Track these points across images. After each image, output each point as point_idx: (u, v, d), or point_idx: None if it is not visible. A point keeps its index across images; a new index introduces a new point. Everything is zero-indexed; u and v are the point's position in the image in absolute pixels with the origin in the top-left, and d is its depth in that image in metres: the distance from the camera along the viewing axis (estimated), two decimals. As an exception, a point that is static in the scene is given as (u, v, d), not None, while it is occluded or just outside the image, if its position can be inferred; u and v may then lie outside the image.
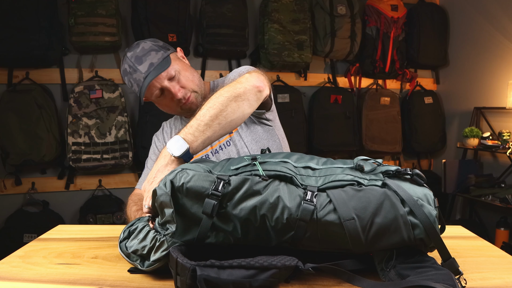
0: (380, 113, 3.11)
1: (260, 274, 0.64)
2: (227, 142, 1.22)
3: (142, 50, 1.12)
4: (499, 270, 0.81)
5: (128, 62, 1.12)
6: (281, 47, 2.75)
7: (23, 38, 2.34)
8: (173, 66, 1.13)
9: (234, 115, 0.95)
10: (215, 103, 0.93)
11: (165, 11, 2.56)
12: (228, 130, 0.95)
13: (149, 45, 1.13)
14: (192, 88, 1.17)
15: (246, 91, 0.98)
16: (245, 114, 0.99)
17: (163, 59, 1.11)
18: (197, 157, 1.20)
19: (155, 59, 1.10)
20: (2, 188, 2.61)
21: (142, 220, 0.83)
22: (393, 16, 2.98)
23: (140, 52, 1.11)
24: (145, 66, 1.10)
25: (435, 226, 0.70)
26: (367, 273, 0.73)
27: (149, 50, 1.12)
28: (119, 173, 2.80)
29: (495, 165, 2.86)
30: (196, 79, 1.20)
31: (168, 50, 1.16)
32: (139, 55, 1.11)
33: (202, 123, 0.90)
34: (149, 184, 0.88)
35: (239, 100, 0.96)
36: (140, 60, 1.11)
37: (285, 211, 0.70)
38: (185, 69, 1.18)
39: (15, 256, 0.87)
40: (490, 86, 2.88)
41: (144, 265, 0.75)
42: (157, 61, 1.10)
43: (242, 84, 0.99)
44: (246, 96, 0.98)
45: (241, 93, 0.97)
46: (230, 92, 0.96)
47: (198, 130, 0.90)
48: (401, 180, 0.75)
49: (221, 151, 1.22)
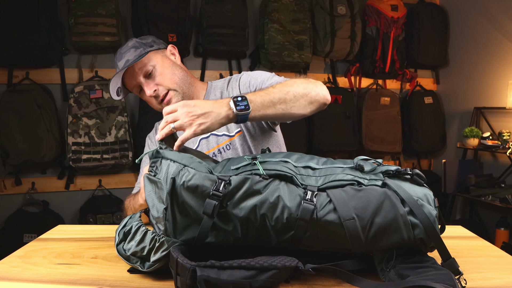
0: (380, 113, 3.11)
1: (260, 275, 0.64)
2: (227, 146, 1.20)
3: (125, 47, 1.14)
4: (499, 270, 0.81)
5: (115, 60, 1.16)
6: (281, 47, 2.75)
7: (23, 38, 2.34)
8: (151, 62, 1.13)
9: (296, 111, 0.95)
10: (290, 90, 0.93)
11: (165, 11, 2.56)
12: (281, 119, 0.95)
13: (133, 42, 1.15)
14: (169, 86, 1.15)
15: (318, 98, 0.98)
16: (301, 116, 0.99)
17: (139, 56, 1.11)
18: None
19: (131, 56, 1.11)
20: (2, 188, 2.61)
21: (134, 219, 0.81)
22: (393, 16, 2.98)
23: (123, 48, 1.14)
24: (122, 63, 1.12)
25: (435, 226, 0.70)
26: (367, 273, 0.73)
27: (131, 47, 1.14)
28: (119, 173, 2.79)
29: (495, 165, 2.86)
30: (177, 77, 1.17)
31: (151, 47, 1.15)
32: (121, 51, 1.14)
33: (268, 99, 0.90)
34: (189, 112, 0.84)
35: (308, 102, 0.96)
36: (120, 57, 1.13)
37: (285, 211, 0.70)
38: (165, 67, 1.16)
39: (15, 256, 0.87)
40: (490, 86, 2.88)
41: (145, 266, 0.75)
42: (133, 58, 1.11)
43: (318, 89, 0.99)
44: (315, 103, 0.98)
45: (313, 97, 0.98)
46: (307, 89, 0.96)
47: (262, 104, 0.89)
48: (401, 180, 0.75)
49: (219, 155, 1.20)
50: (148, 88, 1.13)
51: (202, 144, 1.22)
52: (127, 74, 1.14)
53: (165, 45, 1.23)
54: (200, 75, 2.88)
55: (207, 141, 1.21)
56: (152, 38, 1.21)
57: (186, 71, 1.23)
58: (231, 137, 1.19)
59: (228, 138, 1.19)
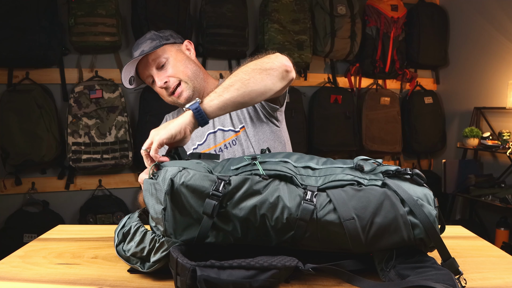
0: (380, 113, 3.11)
1: (260, 275, 0.64)
2: (233, 141, 1.21)
3: (143, 38, 1.17)
4: (499, 270, 0.81)
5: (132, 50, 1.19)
6: (281, 47, 2.75)
7: (23, 38, 2.34)
8: (165, 55, 1.15)
9: (255, 86, 0.92)
10: (238, 72, 0.93)
11: (165, 11, 2.56)
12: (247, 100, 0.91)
13: (150, 34, 1.18)
14: (181, 77, 1.16)
15: (274, 66, 0.95)
16: (267, 90, 0.95)
17: (153, 47, 1.13)
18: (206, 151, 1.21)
19: (146, 47, 1.14)
20: (2, 188, 2.61)
21: (132, 219, 0.81)
22: (393, 16, 2.98)
23: (141, 39, 1.17)
24: (137, 53, 1.15)
25: (435, 226, 0.70)
26: (367, 273, 0.73)
27: (148, 38, 1.17)
28: (119, 173, 2.79)
29: (495, 165, 2.85)
30: (189, 70, 1.18)
31: (167, 40, 1.18)
32: (138, 42, 1.17)
33: (221, 88, 0.90)
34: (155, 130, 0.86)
35: (264, 74, 0.93)
36: (137, 47, 1.16)
37: (285, 211, 0.70)
38: (178, 60, 1.17)
39: (15, 256, 0.87)
40: (490, 86, 2.88)
41: (145, 267, 0.75)
42: (148, 49, 1.13)
43: (271, 60, 0.97)
44: (272, 71, 0.95)
45: (267, 68, 0.94)
46: (256, 64, 0.95)
47: (215, 93, 0.89)
48: (401, 180, 0.75)
49: (225, 150, 1.21)
50: (160, 79, 1.14)
51: (210, 138, 1.24)
52: (141, 64, 1.16)
53: (182, 40, 1.26)
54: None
55: (214, 136, 1.23)
56: (170, 32, 1.23)
57: (199, 66, 1.25)
58: (236, 133, 1.20)
59: (234, 133, 1.20)
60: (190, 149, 1.25)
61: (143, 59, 1.14)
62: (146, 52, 1.12)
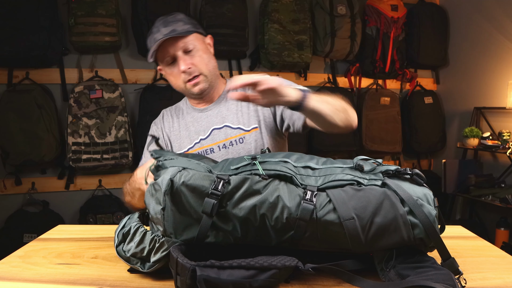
0: (380, 113, 3.11)
1: (260, 275, 0.64)
2: (240, 139, 1.22)
3: (173, 17, 1.17)
4: (499, 270, 0.81)
5: (156, 24, 1.16)
6: (281, 47, 2.75)
7: (23, 38, 2.34)
8: (194, 42, 1.17)
9: (336, 117, 1.01)
10: (335, 100, 1.02)
11: (165, 11, 2.52)
12: (324, 120, 0.99)
13: (181, 16, 1.18)
14: (202, 70, 1.18)
15: (351, 119, 1.07)
16: (336, 127, 1.03)
17: (187, 31, 1.14)
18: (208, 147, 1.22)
19: (179, 28, 1.14)
20: (2, 188, 2.61)
21: (132, 219, 0.81)
22: (393, 16, 2.98)
23: (171, 18, 1.16)
24: (167, 30, 1.13)
25: (435, 225, 0.70)
26: (367, 273, 0.73)
27: (179, 20, 1.17)
28: (119, 173, 2.79)
29: (495, 165, 2.85)
30: (211, 66, 1.21)
31: (197, 29, 1.19)
32: (168, 20, 1.16)
33: (323, 98, 0.97)
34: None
35: (344, 115, 1.03)
36: (166, 24, 1.15)
37: (285, 211, 0.70)
38: (204, 52, 1.20)
39: (15, 256, 0.87)
40: (490, 86, 2.87)
41: (145, 267, 0.75)
42: (181, 30, 1.14)
43: (353, 112, 1.09)
44: (348, 120, 1.06)
45: (350, 115, 1.06)
46: (345, 106, 1.05)
47: (319, 97, 0.96)
48: (401, 180, 0.75)
49: (230, 146, 1.22)
50: (185, 63, 1.15)
51: (214, 134, 1.24)
52: (166, 43, 1.15)
53: (205, 33, 1.27)
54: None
55: (219, 131, 1.24)
56: (195, 21, 1.24)
57: (216, 64, 1.27)
58: (245, 132, 1.22)
59: (243, 132, 1.22)
60: (193, 142, 1.25)
61: (170, 39, 1.14)
62: (179, 33, 1.12)
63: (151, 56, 1.15)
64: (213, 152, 1.22)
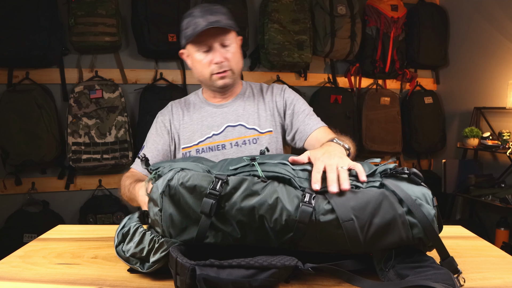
0: (380, 113, 3.11)
1: (260, 274, 0.64)
2: (254, 139, 1.25)
3: (219, 9, 1.19)
4: (499, 270, 0.81)
5: (200, 8, 1.17)
6: (281, 47, 2.75)
7: (23, 38, 2.34)
8: (232, 39, 1.20)
9: None
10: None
11: (165, 11, 2.56)
12: None
13: (226, 10, 1.21)
14: (232, 66, 1.22)
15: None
16: None
17: (230, 26, 1.17)
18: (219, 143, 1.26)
19: (224, 21, 1.16)
20: (2, 188, 2.61)
21: (132, 220, 0.81)
22: (393, 16, 2.98)
23: (216, 8, 1.18)
24: (213, 18, 1.14)
25: (433, 225, 0.70)
26: (366, 273, 0.73)
27: (224, 13, 1.19)
28: (119, 173, 2.79)
29: (495, 165, 2.85)
30: (240, 65, 1.26)
31: (236, 27, 1.22)
32: (214, 9, 1.17)
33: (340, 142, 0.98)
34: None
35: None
36: (212, 13, 1.16)
37: (284, 213, 0.70)
38: (238, 51, 1.24)
39: (15, 256, 0.87)
40: (490, 86, 2.87)
41: (145, 267, 0.75)
42: (226, 23, 1.16)
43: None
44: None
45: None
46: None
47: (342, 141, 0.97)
48: (399, 180, 0.75)
49: (243, 145, 1.24)
50: (221, 56, 1.18)
51: (228, 131, 1.26)
52: (208, 31, 1.15)
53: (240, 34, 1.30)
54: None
55: (233, 129, 1.26)
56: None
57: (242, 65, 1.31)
58: (260, 133, 1.25)
59: (258, 133, 1.25)
60: (204, 136, 1.26)
61: (213, 28, 1.14)
62: (223, 25, 1.15)
63: (189, 38, 1.16)
64: (225, 148, 1.24)
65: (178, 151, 1.29)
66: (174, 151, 1.30)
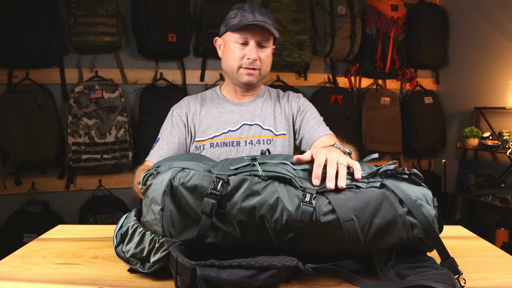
0: (380, 113, 3.11)
1: (260, 274, 0.64)
2: (268, 140, 1.29)
3: (267, 13, 1.25)
4: (499, 270, 0.81)
5: (250, 5, 1.23)
6: (281, 47, 2.75)
7: (23, 38, 2.34)
8: (269, 43, 1.26)
9: None
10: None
11: (165, 11, 2.56)
12: None
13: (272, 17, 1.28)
14: (262, 67, 1.27)
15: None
16: None
17: (273, 30, 1.23)
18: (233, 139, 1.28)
19: (269, 22, 1.22)
20: (2, 188, 2.61)
21: (129, 219, 0.81)
22: (393, 16, 2.98)
23: (265, 11, 1.25)
24: (262, 18, 1.20)
25: (434, 225, 0.70)
26: (366, 273, 0.73)
27: (271, 18, 1.26)
28: (119, 173, 2.79)
29: (495, 165, 2.85)
30: (268, 69, 1.31)
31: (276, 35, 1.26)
32: (263, 10, 1.24)
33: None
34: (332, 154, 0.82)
35: None
36: (261, 13, 1.22)
37: (284, 213, 0.70)
38: (270, 56, 1.29)
39: (15, 256, 0.87)
40: (490, 86, 2.88)
41: (145, 267, 0.75)
42: (271, 25, 1.22)
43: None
44: None
45: None
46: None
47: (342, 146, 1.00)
48: (400, 180, 0.75)
49: (258, 144, 1.27)
50: (256, 53, 1.23)
51: (244, 129, 1.29)
52: (252, 27, 1.20)
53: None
54: (200, 75, 2.88)
55: (249, 128, 1.29)
56: None
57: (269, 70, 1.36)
58: (275, 135, 1.30)
59: (272, 134, 1.30)
60: (220, 131, 1.29)
61: (257, 25, 1.19)
62: (269, 27, 1.20)
63: (233, 27, 1.20)
64: (239, 145, 1.27)
65: (192, 144, 1.31)
66: (189, 144, 1.32)
